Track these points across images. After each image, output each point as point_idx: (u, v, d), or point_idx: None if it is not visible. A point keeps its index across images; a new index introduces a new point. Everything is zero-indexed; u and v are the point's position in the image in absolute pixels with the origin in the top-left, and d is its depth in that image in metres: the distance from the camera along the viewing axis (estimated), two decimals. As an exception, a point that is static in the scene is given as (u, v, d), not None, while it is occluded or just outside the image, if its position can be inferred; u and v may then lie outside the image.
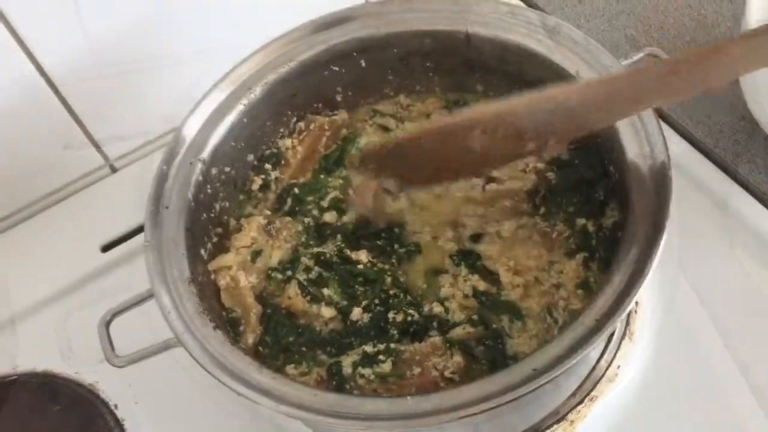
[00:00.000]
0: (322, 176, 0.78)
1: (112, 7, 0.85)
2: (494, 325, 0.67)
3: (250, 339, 0.69)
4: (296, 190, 0.77)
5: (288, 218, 0.76)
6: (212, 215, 0.74)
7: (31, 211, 0.96)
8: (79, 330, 0.85)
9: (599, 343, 0.55)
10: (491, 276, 0.69)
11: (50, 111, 0.89)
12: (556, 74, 0.71)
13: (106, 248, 0.92)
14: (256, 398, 0.57)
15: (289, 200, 0.77)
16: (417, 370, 0.64)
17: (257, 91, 0.75)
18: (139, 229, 0.92)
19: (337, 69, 0.79)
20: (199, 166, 0.72)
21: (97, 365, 0.83)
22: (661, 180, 0.61)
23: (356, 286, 0.70)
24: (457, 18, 0.75)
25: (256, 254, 0.74)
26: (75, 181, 0.97)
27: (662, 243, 0.58)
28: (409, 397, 0.56)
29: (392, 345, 0.66)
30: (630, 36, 0.96)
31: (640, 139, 0.64)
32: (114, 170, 0.99)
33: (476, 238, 0.72)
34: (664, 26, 0.96)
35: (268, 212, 0.77)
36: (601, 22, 0.99)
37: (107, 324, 0.67)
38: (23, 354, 0.85)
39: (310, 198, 0.77)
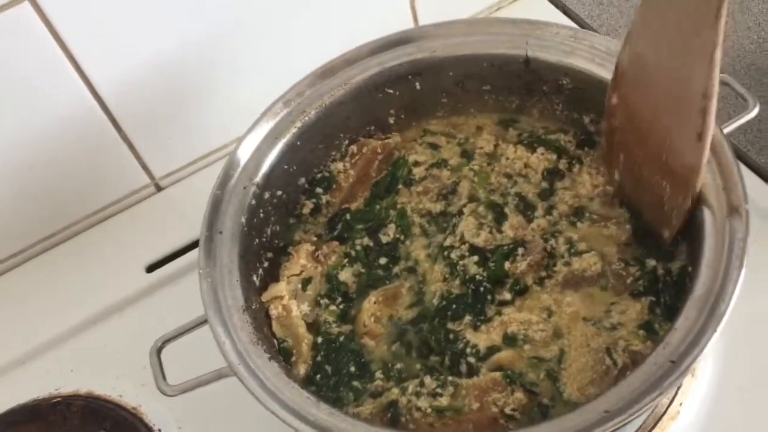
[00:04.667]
0: (377, 207, 0.76)
1: (165, 29, 0.85)
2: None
3: (302, 369, 0.68)
4: (348, 216, 0.76)
5: (336, 243, 0.75)
6: (264, 240, 0.72)
7: (77, 230, 0.95)
8: (123, 352, 0.84)
9: (676, 384, 0.53)
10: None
11: (99, 129, 0.89)
12: (621, 101, 0.69)
13: (151, 268, 0.91)
14: (315, 435, 0.55)
15: (340, 226, 0.76)
16: (476, 405, 0.62)
17: (312, 114, 0.74)
18: (185, 249, 0.92)
19: (391, 92, 0.77)
20: (253, 189, 0.71)
21: (140, 388, 0.82)
22: (736, 214, 0.59)
23: None
24: (518, 41, 0.73)
25: (307, 282, 0.72)
26: (121, 200, 0.96)
27: (740, 281, 0.55)
28: (475, 438, 0.54)
29: (450, 378, 0.64)
30: (687, 59, 0.94)
31: (712, 172, 0.61)
32: (159, 189, 0.98)
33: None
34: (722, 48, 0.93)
35: (315, 238, 0.76)
36: (657, 44, 0.96)
37: (158, 351, 0.65)
38: (66, 375, 0.84)
39: (360, 226, 0.75)
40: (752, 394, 0.71)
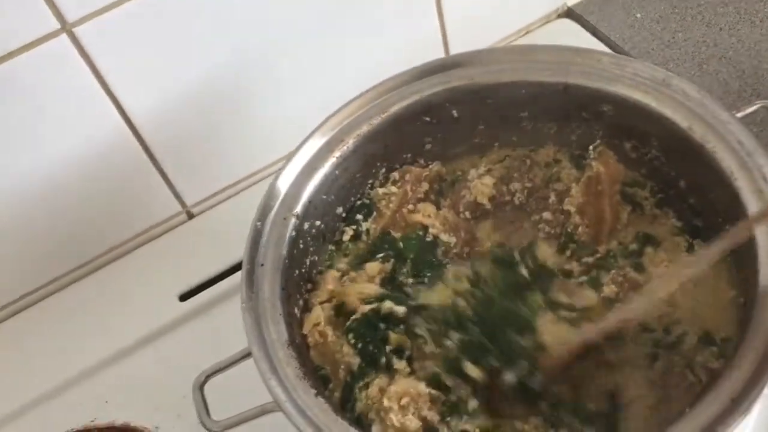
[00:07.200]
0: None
1: (198, 57, 0.85)
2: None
3: (338, 396, 0.66)
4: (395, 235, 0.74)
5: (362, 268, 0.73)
6: (303, 271, 0.71)
7: (109, 258, 0.95)
8: (158, 383, 0.84)
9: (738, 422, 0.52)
10: None
11: (132, 157, 0.89)
12: (665, 128, 0.68)
13: (184, 297, 0.90)
14: (366, 475, 0.54)
15: (386, 246, 0.74)
16: None
17: (350, 143, 0.73)
18: (217, 278, 0.91)
19: (428, 119, 0.76)
20: (293, 221, 0.70)
21: (176, 419, 0.81)
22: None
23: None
24: (558, 69, 0.72)
25: (339, 308, 0.71)
26: (152, 228, 0.96)
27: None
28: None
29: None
30: (723, 81, 0.93)
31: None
32: (191, 216, 0.98)
33: None
34: (758, 71, 0.92)
35: (343, 265, 0.74)
36: (691, 66, 0.95)
37: (201, 386, 0.65)
38: (101, 406, 0.84)
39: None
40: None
